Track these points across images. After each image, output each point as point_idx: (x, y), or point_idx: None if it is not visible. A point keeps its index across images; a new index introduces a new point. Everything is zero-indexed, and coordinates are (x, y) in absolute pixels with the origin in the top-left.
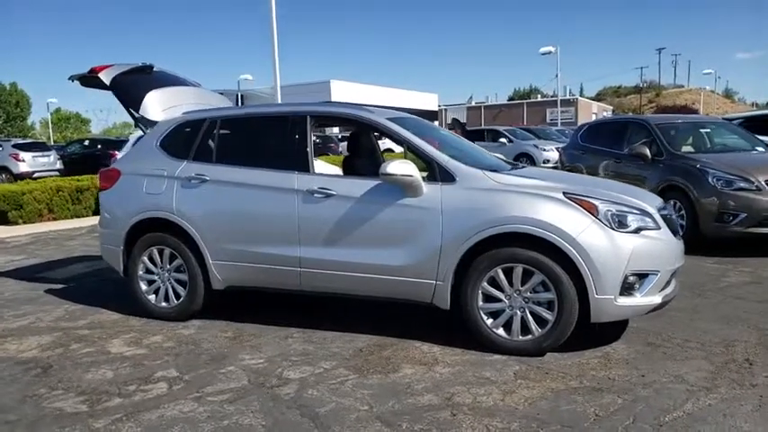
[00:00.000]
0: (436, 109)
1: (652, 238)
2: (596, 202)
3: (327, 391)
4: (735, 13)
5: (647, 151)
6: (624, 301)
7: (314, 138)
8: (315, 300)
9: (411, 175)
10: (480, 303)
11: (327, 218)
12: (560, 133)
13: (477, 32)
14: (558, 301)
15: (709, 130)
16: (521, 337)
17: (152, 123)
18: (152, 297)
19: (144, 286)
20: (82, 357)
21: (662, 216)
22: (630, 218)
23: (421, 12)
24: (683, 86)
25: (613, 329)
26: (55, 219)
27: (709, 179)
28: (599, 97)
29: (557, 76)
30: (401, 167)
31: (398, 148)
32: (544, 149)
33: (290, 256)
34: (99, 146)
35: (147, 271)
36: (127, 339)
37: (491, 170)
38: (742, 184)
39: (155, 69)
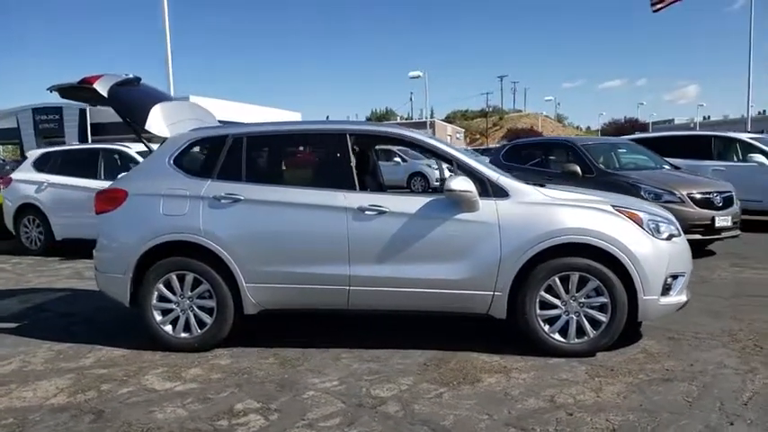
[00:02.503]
0: None
1: (679, 244)
2: (641, 214)
3: (432, 405)
4: (561, 47)
5: (579, 169)
6: (664, 300)
7: None
8: (332, 318)
9: (471, 191)
10: (538, 311)
11: (381, 234)
12: None
13: (332, 55)
14: (612, 305)
15: (624, 150)
16: (576, 340)
17: (161, 139)
18: (169, 328)
19: (158, 316)
20: (128, 398)
21: None
22: (663, 226)
23: (280, 30)
24: (521, 111)
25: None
26: None
27: (642, 193)
28: (448, 120)
29: (411, 99)
30: (463, 184)
31: None
32: (436, 168)
33: (338, 275)
34: None
35: (162, 299)
36: (161, 375)
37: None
38: (668, 197)
39: (141, 82)
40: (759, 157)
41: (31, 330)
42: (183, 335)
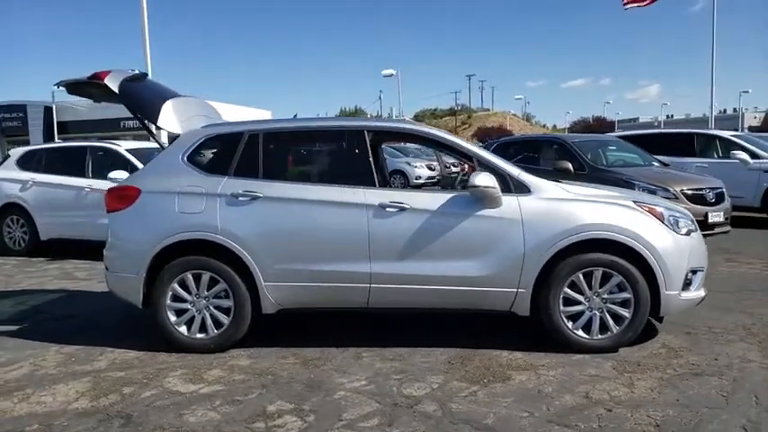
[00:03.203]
0: None
1: (696, 238)
2: (661, 209)
3: (469, 403)
4: (525, 46)
5: (570, 166)
6: (685, 295)
7: None
8: (344, 317)
9: (495, 187)
10: (561, 307)
11: (402, 231)
12: (418, 150)
13: (300, 53)
14: (635, 300)
15: (614, 147)
16: (599, 336)
17: (174, 136)
18: (183, 329)
19: (173, 317)
20: (154, 401)
21: None
22: (682, 222)
23: (247, 27)
24: (488, 110)
25: None
26: None
27: (636, 190)
28: (417, 118)
29: (380, 97)
30: (486, 180)
31: None
32: (415, 166)
33: (359, 273)
34: None
35: (177, 299)
36: (182, 377)
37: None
38: (662, 194)
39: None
40: (741, 154)
41: (32, 333)
42: (199, 335)
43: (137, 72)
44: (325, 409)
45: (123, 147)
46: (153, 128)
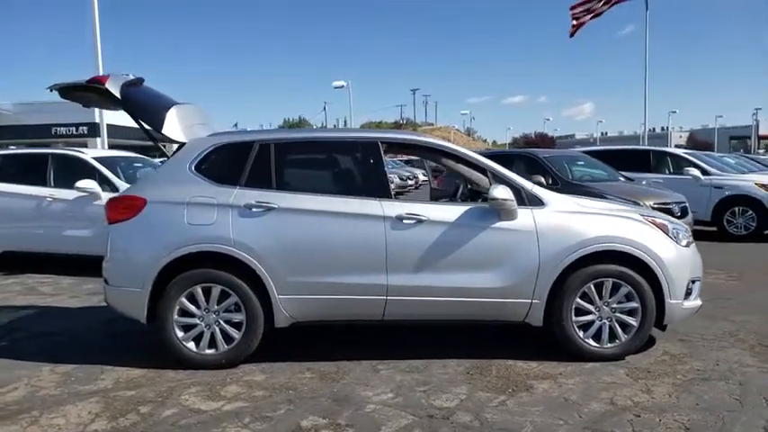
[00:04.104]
0: None
1: (695, 250)
2: (665, 222)
3: (502, 413)
4: (467, 64)
5: (543, 181)
6: (687, 304)
7: None
8: (347, 329)
9: (513, 200)
10: (573, 317)
11: (420, 243)
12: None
13: (243, 62)
14: (642, 309)
15: (582, 163)
16: (609, 345)
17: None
18: (192, 344)
19: (180, 333)
20: (178, 420)
21: None
22: (681, 234)
23: (186, 35)
24: (432, 124)
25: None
26: None
27: None
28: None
29: (324, 109)
30: (505, 192)
31: None
32: None
33: (375, 285)
34: None
35: (185, 314)
36: (198, 394)
37: None
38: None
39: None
40: (694, 171)
41: (15, 352)
42: (209, 351)
43: (132, 77)
44: (361, 423)
45: (89, 154)
46: (160, 137)
